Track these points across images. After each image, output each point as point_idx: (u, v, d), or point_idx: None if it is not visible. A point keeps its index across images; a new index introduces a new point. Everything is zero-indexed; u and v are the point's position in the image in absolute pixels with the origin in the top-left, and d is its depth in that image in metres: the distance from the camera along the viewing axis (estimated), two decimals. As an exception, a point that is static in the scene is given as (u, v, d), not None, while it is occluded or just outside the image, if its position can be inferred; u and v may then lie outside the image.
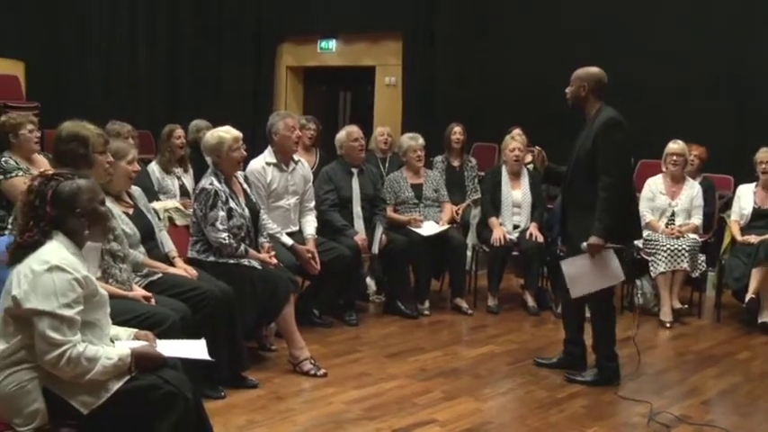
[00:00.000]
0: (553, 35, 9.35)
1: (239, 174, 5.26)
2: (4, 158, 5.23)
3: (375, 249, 6.26)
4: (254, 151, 5.61)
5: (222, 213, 4.92)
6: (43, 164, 5.29)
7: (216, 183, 4.97)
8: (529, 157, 6.00)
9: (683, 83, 8.44)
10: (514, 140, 6.93)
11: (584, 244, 4.86)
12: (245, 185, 5.27)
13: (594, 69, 4.97)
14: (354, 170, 6.45)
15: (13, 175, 5.09)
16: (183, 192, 6.61)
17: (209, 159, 5.10)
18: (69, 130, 3.92)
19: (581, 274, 4.97)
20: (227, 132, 5.07)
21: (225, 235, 4.90)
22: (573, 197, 5.10)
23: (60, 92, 11.23)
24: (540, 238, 6.66)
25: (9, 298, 2.86)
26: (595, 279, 4.92)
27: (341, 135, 6.53)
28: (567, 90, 5.01)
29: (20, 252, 2.91)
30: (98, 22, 11.70)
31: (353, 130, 6.52)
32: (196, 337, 3.67)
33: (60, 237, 2.95)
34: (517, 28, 9.89)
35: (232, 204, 4.98)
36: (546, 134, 6.88)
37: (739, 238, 6.69)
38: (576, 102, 4.99)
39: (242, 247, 4.95)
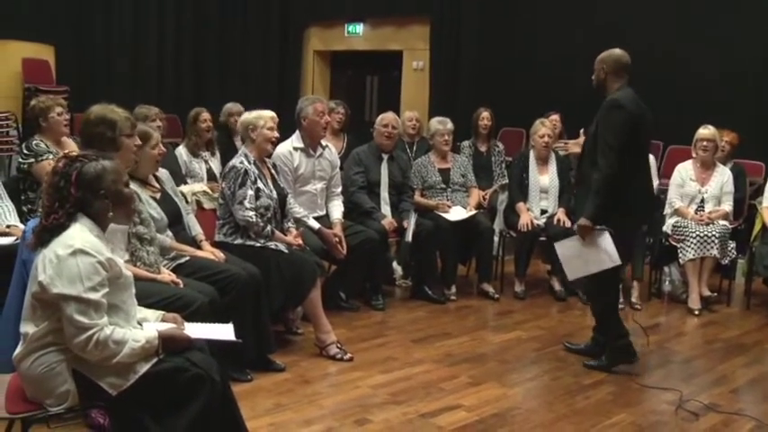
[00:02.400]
0: (583, 19, 9.28)
1: (268, 160, 5.27)
2: (35, 142, 5.26)
3: (408, 238, 6.25)
4: (280, 135, 5.60)
5: (251, 192, 4.93)
6: (72, 147, 5.30)
7: (246, 162, 5.00)
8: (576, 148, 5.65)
9: (715, 69, 8.36)
10: (544, 126, 6.88)
11: (575, 225, 4.86)
12: (273, 171, 5.28)
13: (616, 50, 4.91)
14: (384, 156, 6.45)
15: (44, 158, 5.12)
16: (211, 175, 6.64)
17: (238, 141, 5.15)
18: (97, 113, 3.95)
19: (574, 255, 4.97)
20: (268, 112, 5.19)
21: (252, 213, 4.91)
22: (581, 179, 5.08)
23: (89, 76, 11.34)
24: (568, 224, 6.60)
25: (36, 283, 2.87)
26: (588, 261, 4.90)
27: (378, 118, 6.57)
28: (593, 77, 4.97)
29: (45, 235, 2.92)
30: (126, 6, 11.76)
31: (388, 116, 6.54)
32: (224, 319, 3.69)
33: (84, 219, 2.95)
34: (546, 12, 9.83)
35: (260, 185, 4.99)
36: (574, 119, 6.83)
37: (770, 225, 6.62)
38: (599, 85, 4.94)
39: (268, 227, 4.97)
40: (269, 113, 5.15)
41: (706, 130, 6.74)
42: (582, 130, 5.14)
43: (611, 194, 4.69)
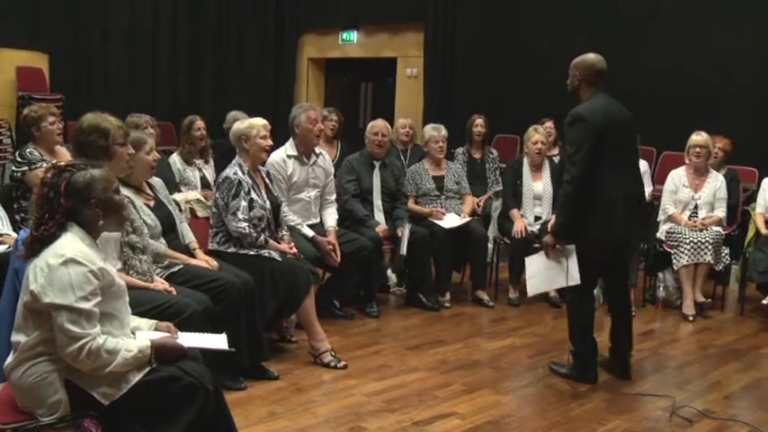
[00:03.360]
0: (579, 26, 9.30)
1: (262, 168, 5.27)
2: (28, 150, 5.26)
3: (403, 250, 6.24)
4: (274, 143, 5.62)
5: (244, 203, 4.92)
6: (65, 156, 5.30)
7: (239, 173, 4.99)
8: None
9: (708, 75, 8.39)
10: (537, 133, 6.89)
11: (543, 240, 4.92)
12: (267, 180, 5.28)
13: (589, 56, 4.82)
14: (376, 163, 6.45)
15: (38, 166, 5.12)
16: (204, 183, 6.64)
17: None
18: (90, 121, 3.94)
19: (539, 270, 4.98)
20: (259, 120, 5.18)
21: (245, 224, 4.91)
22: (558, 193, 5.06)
23: (83, 84, 11.35)
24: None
25: (28, 292, 2.86)
26: (550, 278, 4.91)
27: (368, 125, 6.58)
28: (568, 82, 4.89)
29: (36, 245, 2.91)
30: (121, 14, 11.79)
31: (377, 123, 6.54)
32: (217, 327, 3.68)
33: (75, 228, 2.95)
34: (541, 18, 9.85)
35: (254, 195, 4.99)
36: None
37: (764, 230, 6.61)
38: (573, 91, 4.86)
39: (262, 237, 4.96)
40: (261, 121, 5.15)
41: (699, 137, 6.75)
42: None
43: (580, 209, 4.60)
